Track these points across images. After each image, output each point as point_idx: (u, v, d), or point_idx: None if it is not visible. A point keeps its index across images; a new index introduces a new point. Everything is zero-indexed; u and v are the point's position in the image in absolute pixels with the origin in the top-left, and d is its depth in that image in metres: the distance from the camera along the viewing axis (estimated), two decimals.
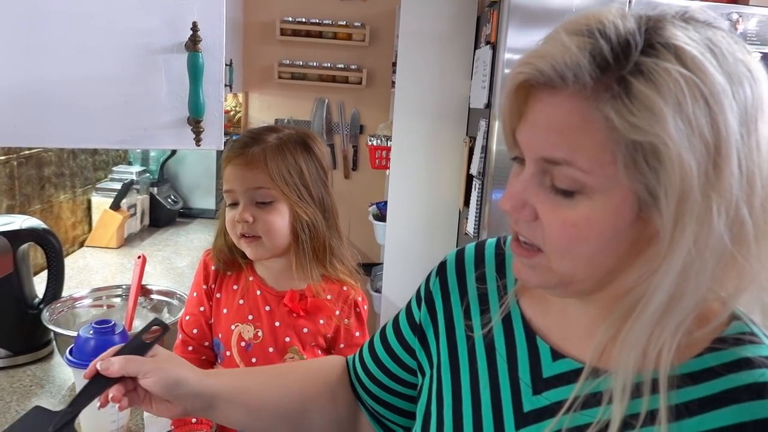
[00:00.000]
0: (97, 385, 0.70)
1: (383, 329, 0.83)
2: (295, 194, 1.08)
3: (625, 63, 0.50)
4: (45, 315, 1.31)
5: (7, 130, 0.79)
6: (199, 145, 0.80)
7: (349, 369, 0.85)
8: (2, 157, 1.71)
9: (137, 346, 0.74)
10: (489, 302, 0.70)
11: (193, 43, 0.79)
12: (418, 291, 0.79)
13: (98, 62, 0.80)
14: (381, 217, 2.70)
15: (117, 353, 0.72)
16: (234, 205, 1.10)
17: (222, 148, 0.81)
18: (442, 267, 0.77)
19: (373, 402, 0.82)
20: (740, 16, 2.05)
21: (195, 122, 0.81)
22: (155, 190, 2.47)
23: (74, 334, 1.14)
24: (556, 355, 0.63)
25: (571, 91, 0.51)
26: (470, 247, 0.76)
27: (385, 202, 2.64)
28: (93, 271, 1.94)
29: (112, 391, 0.70)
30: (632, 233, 0.53)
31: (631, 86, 0.49)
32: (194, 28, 0.79)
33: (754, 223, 0.51)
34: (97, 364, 0.70)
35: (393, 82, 2.94)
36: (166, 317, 1.43)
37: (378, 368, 0.81)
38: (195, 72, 0.80)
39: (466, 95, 2.49)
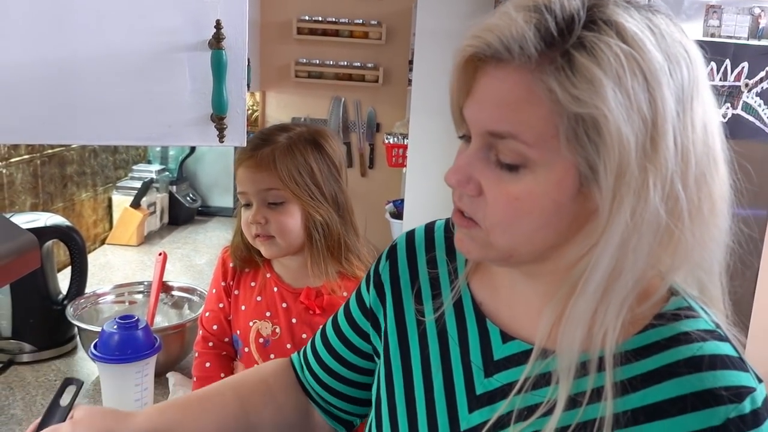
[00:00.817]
0: None
1: (334, 317, 0.82)
2: (307, 194, 1.09)
3: (568, 37, 0.51)
4: (69, 311, 1.33)
5: (36, 127, 0.81)
6: (222, 142, 0.80)
7: (296, 367, 0.84)
8: (26, 156, 1.74)
9: (58, 412, 0.74)
10: (440, 287, 0.71)
11: (216, 41, 0.80)
12: (368, 274, 0.79)
13: (124, 60, 0.81)
14: (398, 215, 2.70)
15: (40, 424, 0.72)
16: (248, 205, 1.11)
17: (245, 144, 0.82)
18: (392, 250, 0.77)
19: (328, 394, 0.80)
20: (762, 11, 2.02)
21: (218, 119, 0.82)
22: (174, 188, 2.50)
23: (98, 329, 1.16)
24: (506, 337, 0.64)
25: (516, 64, 0.53)
26: (420, 230, 0.77)
27: (402, 200, 2.64)
28: (114, 269, 1.97)
29: None
30: (573, 208, 0.55)
31: (573, 59, 0.50)
32: (218, 26, 0.79)
33: (688, 199, 0.53)
34: None
35: (409, 80, 2.93)
36: (187, 313, 1.45)
37: (332, 357, 0.80)
38: (218, 69, 0.81)
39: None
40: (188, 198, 2.56)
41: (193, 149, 2.58)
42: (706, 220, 0.55)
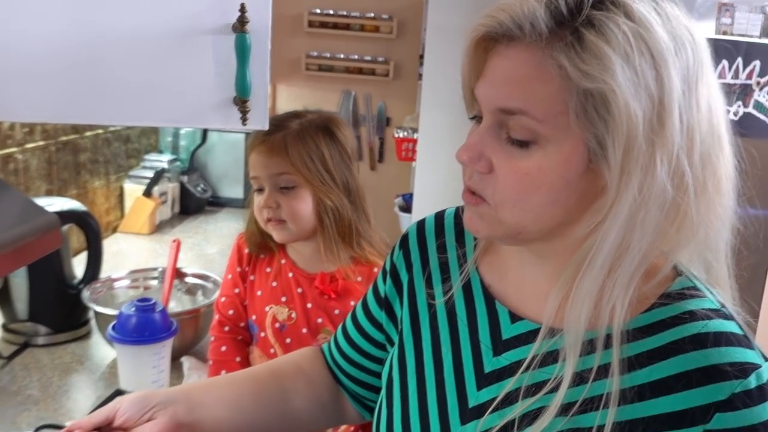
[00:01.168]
0: None
1: (354, 310, 0.84)
2: (318, 179, 1.10)
3: (578, 16, 0.53)
4: (85, 294, 1.34)
5: (60, 106, 0.82)
6: (245, 124, 0.81)
7: (325, 355, 0.86)
8: (41, 143, 1.75)
9: None
10: (450, 271, 0.73)
11: (240, 25, 0.81)
12: (384, 266, 0.81)
13: (149, 42, 0.82)
14: (407, 208, 2.71)
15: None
16: (260, 190, 1.13)
17: (267, 127, 0.83)
18: (404, 239, 0.79)
19: (352, 383, 0.82)
20: None
21: (241, 102, 0.83)
22: (185, 178, 2.51)
23: (115, 312, 1.17)
24: (515, 317, 0.65)
25: (527, 42, 0.54)
26: (430, 218, 0.79)
27: (411, 194, 2.65)
28: (127, 256, 1.98)
29: None
30: (582, 186, 0.56)
31: (583, 37, 0.52)
32: (242, 9, 0.80)
33: (694, 176, 0.54)
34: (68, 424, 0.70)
35: (420, 75, 2.94)
36: (201, 299, 1.46)
37: (351, 347, 0.82)
38: (242, 53, 0.82)
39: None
40: (199, 188, 2.57)
41: (203, 140, 2.59)
42: (711, 197, 0.56)
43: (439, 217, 0.78)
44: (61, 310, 1.38)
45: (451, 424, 0.65)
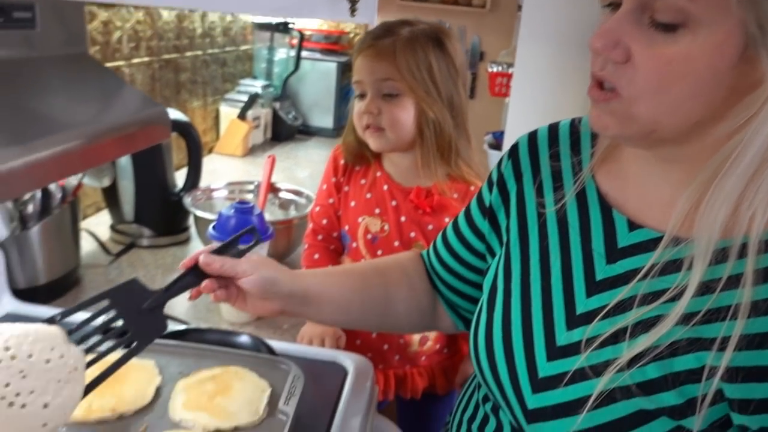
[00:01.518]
0: (192, 277, 0.70)
1: (455, 219, 0.83)
2: (423, 89, 1.07)
3: None
4: (186, 201, 1.40)
5: None
6: (353, 15, 0.80)
7: (424, 261, 0.87)
8: (146, 59, 1.81)
9: (234, 252, 0.74)
10: (563, 179, 0.69)
11: None
12: (490, 176, 0.78)
13: None
14: (497, 146, 2.64)
15: (214, 252, 0.72)
16: (362, 96, 1.11)
17: (374, 23, 0.80)
18: (514, 149, 0.76)
19: (449, 291, 0.83)
20: None
21: None
22: (277, 105, 2.54)
23: (214, 217, 1.21)
24: (633, 225, 0.62)
25: None
26: (543, 128, 0.75)
27: (502, 132, 2.58)
28: (221, 175, 2.04)
29: (206, 282, 0.70)
30: (732, 78, 0.50)
31: None
32: None
33: None
34: (200, 257, 0.70)
35: (519, 6, 2.81)
36: (293, 214, 1.49)
37: (451, 256, 0.81)
38: None
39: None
40: (290, 115, 2.61)
41: (296, 67, 2.61)
42: None
43: (553, 127, 0.75)
44: (164, 214, 1.45)
45: (556, 329, 0.63)
